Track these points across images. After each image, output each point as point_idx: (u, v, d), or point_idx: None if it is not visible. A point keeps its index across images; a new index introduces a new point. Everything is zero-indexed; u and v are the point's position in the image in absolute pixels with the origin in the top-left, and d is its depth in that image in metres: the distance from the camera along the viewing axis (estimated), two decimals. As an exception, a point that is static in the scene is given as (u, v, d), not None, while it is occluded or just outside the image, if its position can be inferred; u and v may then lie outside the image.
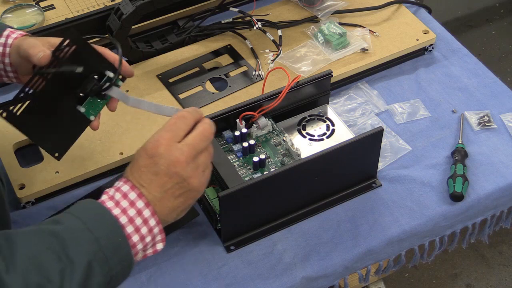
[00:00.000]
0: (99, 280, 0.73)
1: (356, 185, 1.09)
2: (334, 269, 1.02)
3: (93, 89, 0.89)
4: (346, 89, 1.25)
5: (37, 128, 0.88)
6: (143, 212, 0.77)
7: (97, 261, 0.73)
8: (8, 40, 0.96)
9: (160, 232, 0.79)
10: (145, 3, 1.18)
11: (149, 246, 0.80)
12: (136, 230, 0.77)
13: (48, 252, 0.72)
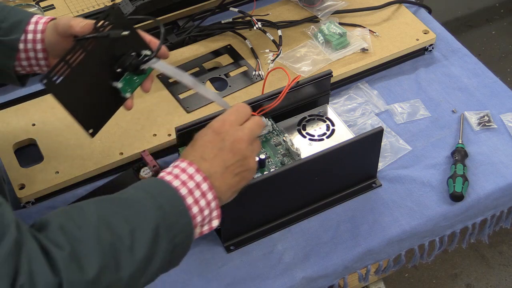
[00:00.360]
0: (165, 246, 0.75)
1: (356, 185, 1.09)
2: (334, 269, 1.02)
3: (132, 63, 0.89)
4: (346, 89, 1.25)
5: (74, 100, 0.88)
6: (201, 185, 0.80)
7: (163, 226, 0.75)
8: (38, 26, 0.95)
9: (217, 207, 0.82)
10: (145, 3, 1.18)
11: (206, 220, 0.82)
12: (195, 202, 0.79)
13: (117, 215, 0.74)
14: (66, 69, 0.84)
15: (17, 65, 0.96)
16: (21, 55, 0.95)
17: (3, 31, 0.94)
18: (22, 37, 0.95)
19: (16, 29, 0.94)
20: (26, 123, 1.16)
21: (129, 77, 0.91)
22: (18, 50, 0.95)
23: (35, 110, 1.18)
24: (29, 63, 0.97)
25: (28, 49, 0.95)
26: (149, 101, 1.20)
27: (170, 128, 1.14)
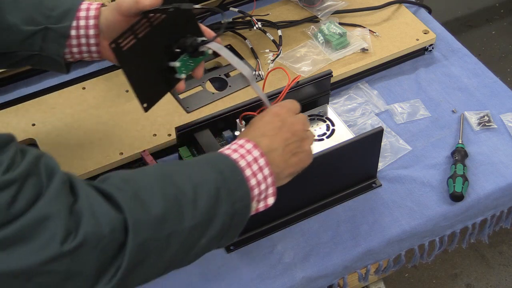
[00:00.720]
0: (226, 209, 0.77)
1: (356, 185, 1.09)
2: (334, 269, 1.02)
3: (193, 44, 0.93)
4: (346, 89, 1.25)
5: (135, 71, 0.91)
6: (258, 160, 0.82)
7: (223, 189, 0.78)
8: (90, 12, 0.96)
9: (273, 184, 0.84)
10: (145, 3, 1.18)
11: (263, 196, 0.84)
12: (253, 175, 0.81)
13: (179, 173, 0.77)
14: (132, 39, 0.88)
15: (67, 52, 0.98)
16: (72, 41, 0.97)
17: (54, 19, 0.95)
18: (74, 24, 0.95)
19: (67, 17, 0.95)
20: (26, 123, 1.16)
21: (186, 58, 0.95)
22: (69, 37, 0.96)
23: (35, 110, 1.18)
24: (79, 50, 0.98)
25: (80, 35, 0.96)
26: (149, 101, 1.20)
27: (170, 128, 1.14)
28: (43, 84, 1.26)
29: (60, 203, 0.68)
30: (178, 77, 0.95)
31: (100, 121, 1.16)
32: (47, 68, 1.00)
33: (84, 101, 1.20)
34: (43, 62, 0.97)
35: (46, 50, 0.95)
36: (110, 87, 1.22)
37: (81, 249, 0.67)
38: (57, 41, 0.95)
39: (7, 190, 0.65)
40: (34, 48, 0.95)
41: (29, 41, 0.94)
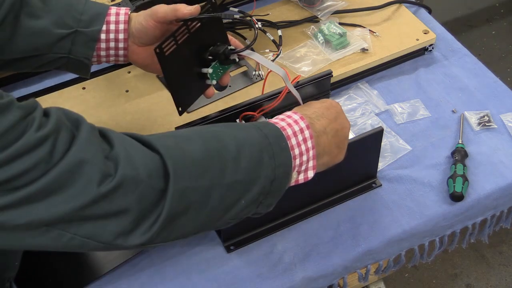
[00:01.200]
0: (267, 173, 0.79)
1: (356, 185, 1.09)
2: (334, 269, 1.02)
3: (225, 51, 0.98)
4: (346, 89, 1.25)
5: (174, 75, 0.96)
6: (304, 131, 0.85)
7: (266, 153, 0.79)
8: (120, 17, 0.99)
9: (314, 157, 0.86)
10: (145, 3, 1.18)
11: (303, 167, 0.86)
12: (298, 145, 0.84)
13: (224, 131, 0.79)
14: (173, 44, 0.94)
15: (95, 55, 1.00)
16: (101, 45, 0.99)
17: (84, 23, 0.98)
18: (104, 28, 0.98)
19: (97, 21, 0.98)
20: (26, 123, 1.16)
21: (217, 65, 0.99)
22: (98, 40, 0.99)
23: (35, 110, 1.18)
24: (107, 53, 1.01)
25: (109, 39, 0.99)
26: (149, 101, 1.20)
27: (170, 128, 1.14)
28: (43, 84, 1.26)
29: (93, 148, 0.69)
30: (208, 83, 1.00)
31: (100, 121, 1.16)
32: (72, 71, 1.02)
33: (84, 101, 1.20)
34: (70, 65, 1.00)
35: (75, 53, 0.98)
36: (110, 87, 1.22)
37: (119, 192, 0.69)
38: (87, 44, 0.98)
39: (45, 144, 0.67)
40: (63, 51, 0.98)
41: (59, 44, 0.97)
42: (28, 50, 0.97)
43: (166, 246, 1.03)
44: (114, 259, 1.01)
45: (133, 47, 1.01)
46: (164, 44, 0.93)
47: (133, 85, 1.23)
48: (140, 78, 1.24)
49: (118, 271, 1.00)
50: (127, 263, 1.01)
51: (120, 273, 1.00)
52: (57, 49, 0.97)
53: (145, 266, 1.00)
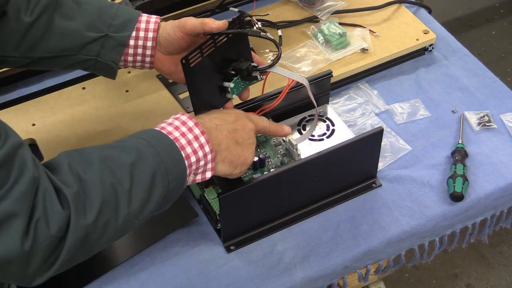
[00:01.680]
0: (160, 191, 0.83)
1: (356, 185, 1.09)
2: (334, 269, 1.02)
3: (248, 68, 1.00)
4: (346, 89, 1.25)
5: (196, 86, 0.98)
6: (199, 138, 0.87)
7: (159, 173, 0.82)
8: (150, 25, 1.01)
9: (212, 160, 0.89)
10: (145, 3, 1.18)
11: (200, 170, 0.89)
12: (194, 152, 0.86)
13: (117, 160, 0.81)
14: (199, 57, 0.96)
15: (122, 60, 1.02)
16: (129, 50, 1.01)
17: (114, 28, 1.00)
18: (134, 34, 1.00)
19: (127, 26, 1.00)
20: (26, 123, 1.16)
21: (238, 81, 1.02)
22: (127, 46, 1.01)
23: (35, 110, 1.18)
24: (134, 59, 1.02)
25: (138, 45, 1.01)
26: (149, 101, 1.20)
27: (170, 128, 1.14)
28: (43, 84, 1.26)
29: (25, 204, 0.72)
30: (228, 97, 1.02)
31: (100, 121, 1.16)
32: (98, 72, 1.03)
33: (84, 101, 1.20)
34: (97, 67, 1.02)
35: (103, 56, 1.00)
36: (110, 87, 1.22)
37: (33, 249, 0.73)
38: (116, 49, 1.00)
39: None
40: (92, 53, 1.00)
41: (88, 46, 0.99)
42: (58, 50, 0.99)
43: (166, 246, 1.03)
44: (114, 258, 1.01)
45: (159, 55, 1.03)
46: (191, 56, 0.95)
47: (133, 85, 1.23)
48: (140, 78, 1.24)
49: (118, 271, 1.00)
50: (126, 263, 1.01)
51: (119, 273, 1.00)
52: (86, 51, 0.99)
53: (145, 266, 1.00)
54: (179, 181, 0.85)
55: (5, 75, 1.25)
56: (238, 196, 0.96)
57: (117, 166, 0.81)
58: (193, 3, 1.34)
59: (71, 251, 0.76)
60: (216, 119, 0.94)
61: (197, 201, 1.07)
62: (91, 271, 1.00)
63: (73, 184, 0.77)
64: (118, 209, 0.79)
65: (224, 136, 0.92)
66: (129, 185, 0.80)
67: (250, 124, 0.96)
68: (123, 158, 0.82)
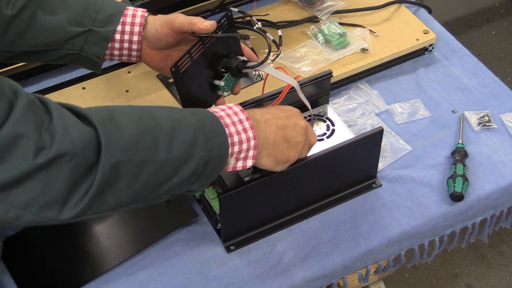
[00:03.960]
0: (202, 154, 0.80)
1: (356, 185, 1.09)
2: (334, 269, 1.02)
3: (238, 65, 1.00)
4: (346, 89, 1.25)
5: (187, 90, 0.97)
6: (244, 122, 0.86)
7: (202, 135, 0.81)
8: (136, 19, 1.00)
9: (255, 147, 0.87)
10: (145, 3, 1.18)
11: (242, 155, 0.87)
12: (237, 133, 0.85)
13: (161, 112, 0.80)
14: (188, 61, 0.95)
15: (107, 54, 1.02)
16: (115, 45, 1.00)
17: (99, 22, 0.99)
18: (119, 28, 0.99)
19: (112, 21, 0.99)
20: (26, 123, 1.16)
21: (229, 78, 1.01)
22: (112, 40, 1.00)
23: (35, 110, 1.18)
24: (120, 53, 1.02)
25: (123, 40, 1.00)
26: (149, 101, 1.20)
27: (170, 128, 1.14)
28: (43, 84, 1.26)
29: (29, 121, 0.69)
30: (219, 94, 1.02)
31: (100, 121, 1.16)
32: (82, 66, 1.03)
33: (84, 101, 1.20)
34: (81, 61, 1.01)
35: (87, 51, 0.99)
36: (110, 87, 1.22)
37: (54, 164, 0.69)
38: (99, 43, 0.99)
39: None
40: (75, 48, 0.99)
41: (71, 41, 0.98)
42: (40, 44, 0.98)
43: (166, 246, 1.03)
44: (113, 258, 1.01)
45: (147, 50, 1.02)
46: (180, 62, 0.94)
47: (133, 85, 1.23)
48: (140, 78, 1.24)
49: (117, 271, 1.00)
50: (126, 263, 1.01)
51: (119, 273, 1.00)
52: (69, 46, 0.99)
53: (144, 266, 1.00)
54: (221, 152, 0.83)
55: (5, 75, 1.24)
56: (238, 196, 0.96)
57: (160, 115, 0.79)
58: (193, 3, 1.34)
59: (105, 181, 0.72)
60: (268, 113, 0.92)
61: (197, 201, 1.07)
62: (91, 271, 1.00)
63: (103, 111, 0.74)
64: (157, 150, 0.76)
65: (272, 131, 0.90)
66: (170, 133, 0.78)
67: (302, 123, 0.94)
68: (167, 113, 0.80)
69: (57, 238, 1.04)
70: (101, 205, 0.74)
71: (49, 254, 1.03)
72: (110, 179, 0.73)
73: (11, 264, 1.01)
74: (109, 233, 1.04)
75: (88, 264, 1.01)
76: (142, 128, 0.76)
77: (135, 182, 0.76)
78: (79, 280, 0.99)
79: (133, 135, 0.75)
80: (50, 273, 1.01)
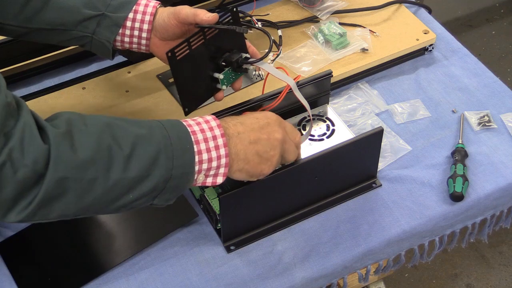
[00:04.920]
0: (161, 172, 0.81)
1: (356, 185, 1.09)
2: (333, 269, 1.02)
3: (238, 60, 1.01)
4: (346, 89, 1.25)
5: (183, 77, 0.99)
6: (217, 139, 0.86)
7: (165, 154, 0.81)
8: (148, 9, 1.02)
9: (226, 165, 0.87)
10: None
11: (212, 172, 0.87)
12: (207, 150, 0.85)
13: (124, 128, 0.81)
14: (186, 49, 0.97)
15: (118, 40, 1.04)
16: (126, 31, 1.03)
17: (112, 8, 1.02)
18: (131, 16, 1.02)
19: (125, 8, 1.02)
20: (26, 123, 1.16)
21: (229, 72, 1.02)
22: (123, 27, 1.02)
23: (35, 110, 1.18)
24: (130, 40, 1.04)
25: (134, 27, 1.02)
26: (149, 101, 1.20)
27: (170, 128, 1.14)
28: (43, 84, 1.26)
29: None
30: (218, 87, 1.03)
31: (100, 121, 1.16)
32: (94, 51, 1.05)
33: (84, 101, 1.20)
34: (93, 45, 1.03)
35: (98, 35, 1.02)
36: (110, 87, 1.22)
37: (4, 168, 0.72)
38: (111, 28, 1.02)
39: None
40: (88, 30, 1.02)
41: (84, 23, 1.01)
42: (55, 23, 1.01)
43: (166, 246, 1.03)
44: (113, 258, 1.01)
45: (155, 39, 1.04)
46: (177, 49, 0.96)
47: (133, 85, 1.23)
48: (140, 78, 1.24)
49: (117, 271, 1.00)
50: (126, 263, 1.01)
51: (119, 273, 1.00)
52: (82, 28, 1.01)
53: (144, 266, 1.00)
54: (185, 171, 0.84)
55: (5, 75, 1.24)
56: (238, 196, 0.96)
57: (122, 133, 0.80)
58: (193, 3, 1.34)
59: (50, 194, 0.75)
60: (242, 125, 0.91)
61: (197, 201, 1.07)
62: (90, 271, 1.00)
63: (62, 127, 0.76)
64: (111, 170, 0.78)
65: (243, 146, 0.89)
66: (129, 152, 0.79)
67: (277, 134, 0.92)
68: (131, 129, 0.81)
69: (57, 238, 1.04)
70: (47, 214, 0.77)
71: (49, 254, 1.03)
72: (55, 193, 0.76)
73: (11, 264, 1.01)
74: (109, 233, 1.04)
75: (88, 264, 1.01)
76: (98, 147, 0.77)
77: (84, 197, 0.78)
78: (79, 280, 0.99)
79: (86, 154, 0.76)
80: (50, 273, 1.01)
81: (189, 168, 0.84)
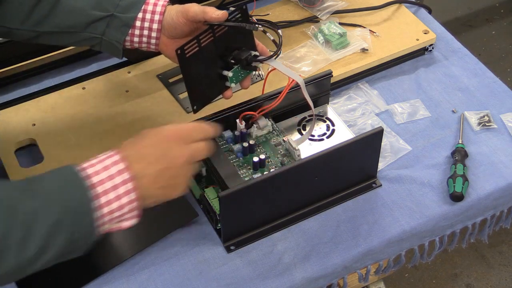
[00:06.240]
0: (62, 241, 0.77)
1: (356, 185, 1.09)
2: (334, 269, 1.02)
3: (247, 58, 1.02)
4: (346, 89, 1.25)
5: (192, 75, 1.00)
6: (127, 183, 0.81)
7: (65, 222, 0.77)
8: (157, 8, 1.02)
9: (137, 208, 0.82)
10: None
11: (123, 218, 0.83)
12: (108, 203, 0.80)
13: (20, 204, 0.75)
14: (196, 47, 0.98)
15: (128, 40, 1.04)
16: (135, 31, 1.03)
17: (121, 8, 1.02)
18: (140, 15, 1.02)
19: (134, 8, 1.02)
20: (26, 123, 1.16)
21: (238, 69, 1.03)
22: (133, 27, 1.02)
23: (35, 110, 1.18)
24: (140, 40, 1.04)
25: (144, 27, 1.03)
26: (149, 101, 1.20)
27: (170, 128, 1.14)
28: (43, 84, 1.26)
29: None
30: (227, 85, 1.04)
31: (100, 121, 1.16)
32: (104, 51, 1.05)
33: (84, 101, 1.20)
34: (103, 46, 1.04)
35: (108, 36, 1.02)
36: (110, 87, 1.22)
37: None
38: (120, 29, 1.02)
39: None
40: (97, 32, 1.02)
41: (94, 25, 1.01)
42: (64, 26, 1.01)
43: (166, 246, 1.03)
44: (113, 258, 1.01)
45: (164, 38, 1.04)
46: (187, 46, 0.96)
47: (133, 85, 1.23)
48: (140, 78, 1.24)
49: (117, 271, 1.00)
50: (126, 263, 1.01)
51: (119, 273, 1.00)
52: (91, 30, 1.02)
53: (145, 266, 1.00)
54: (86, 231, 0.79)
55: (5, 75, 1.25)
56: (238, 196, 0.96)
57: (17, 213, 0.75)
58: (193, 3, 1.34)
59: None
60: (144, 159, 0.84)
61: (197, 201, 1.07)
62: (90, 271, 1.00)
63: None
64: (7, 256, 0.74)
65: (150, 182, 0.83)
66: (24, 233, 0.74)
67: (180, 152, 0.86)
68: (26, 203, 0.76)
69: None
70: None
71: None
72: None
73: (11, 264, 1.01)
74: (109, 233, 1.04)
75: (88, 264, 1.01)
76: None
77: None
78: (79, 280, 0.99)
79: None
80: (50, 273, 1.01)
81: (91, 228, 0.79)
